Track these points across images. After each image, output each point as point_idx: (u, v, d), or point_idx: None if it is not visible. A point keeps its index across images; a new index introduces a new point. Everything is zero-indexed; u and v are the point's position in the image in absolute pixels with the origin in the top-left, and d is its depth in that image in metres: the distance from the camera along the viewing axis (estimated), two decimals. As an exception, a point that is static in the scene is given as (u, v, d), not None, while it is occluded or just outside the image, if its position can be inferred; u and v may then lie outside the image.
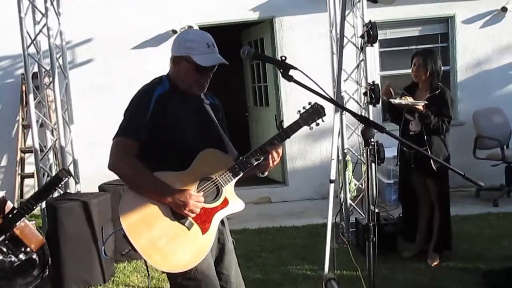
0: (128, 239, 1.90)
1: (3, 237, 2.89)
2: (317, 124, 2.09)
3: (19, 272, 3.54)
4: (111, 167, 1.98)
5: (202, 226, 1.98)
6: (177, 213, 1.94)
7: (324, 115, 2.07)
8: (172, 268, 1.96)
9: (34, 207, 2.95)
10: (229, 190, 2.05)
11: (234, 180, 2.05)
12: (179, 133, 2.02)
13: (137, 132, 1.98)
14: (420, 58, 3.78)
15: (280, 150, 2.08)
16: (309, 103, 2.09)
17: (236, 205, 2.07)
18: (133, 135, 1.98)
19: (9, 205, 2.94)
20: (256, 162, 2.04)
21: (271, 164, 2.07)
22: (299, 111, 2.09)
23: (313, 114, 2.06)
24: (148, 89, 2.08)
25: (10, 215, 2.84)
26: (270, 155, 2.04)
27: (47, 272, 3.77)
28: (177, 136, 2.02)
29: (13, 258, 3.63)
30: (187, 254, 1.95)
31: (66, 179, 2.98)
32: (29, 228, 3.01)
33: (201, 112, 2.14)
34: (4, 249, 2.97)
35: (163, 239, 1.92)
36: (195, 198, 1.93)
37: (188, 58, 2.02)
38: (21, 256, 3.64)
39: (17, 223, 2.85)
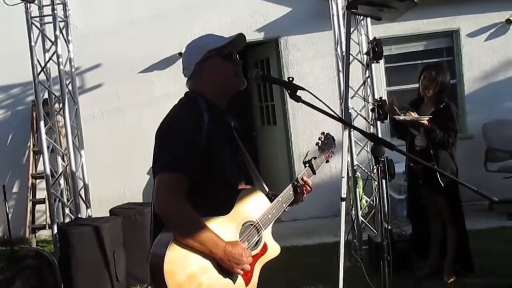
0: None
1: None
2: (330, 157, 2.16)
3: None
4: (160, 209, 1.64)
5: (246, 277, 1.76)
6: (223, 267, 1.70)
7: (335, 146, 2.15)
8: None
9: None
10: (267, 233, 1.87)
11: (272, 223, 1.89)
12: (222, 168, 1.76)
13: (191, 168, 1.64)
14: (431, 72, 3.76)
15: (311, 184, 2.01)
16: (322, 133, 2.14)
17: (274, 249, 1.90)
18: (186, 172, 1.64)
19: None
20: (290, 201, 1.97)
21: (301, 201, 2.02)
22: (317, 143, 2.14)
23: (329, 145, 2.14)
24: (196, 112, 1.73)
25: None
26: (302, 193, 1.99)
27: (59, 298, 3.77)
28: (220, 172, 1.75)
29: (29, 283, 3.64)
30: None
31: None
32: None
33: (233, 139, 1.88)
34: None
35: None
36: (248, 255, 1.73)
37: (209, 53, 1.81)
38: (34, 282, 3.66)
39: None
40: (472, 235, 4.15)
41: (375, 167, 3.36)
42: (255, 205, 1.84)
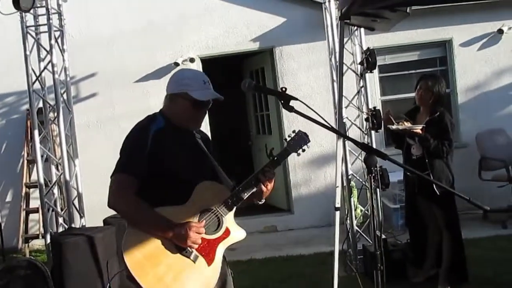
0: (133, 279, 1.91)
1: None
2: (303, 150, 2.17)
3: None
4: (111, 204, 2.00)
5: (207, 258, 2.00)
6: (181, 247, 1.95)
7: (309, 141, 2.17)
8: None
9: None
10: (229, 220, 2.08)
11: (233, 210, 2.08)
12: (176, 168, 2.06)
13: (135, 169, 2.00)
14: (428, 81, 3.78)
15: (272, 177, 2.11)
16: (293, 131, 2.19)
17: (237, 234, 2.10)
18: (131, 172, 2.00)
19: None
20: (252, 191, 2.06)
21: (265, 191, 2.11)
22: (285, 138, 2.20)
23: (299, 141, 2.16)
24: (144, 126, 2.12)
25: None
26: (264, 183, 2.07)
27: (52, 309, 3.73)
28: (174, 171, 2.05)
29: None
30: (196, 287, 1.97)
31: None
32: None
33: (195, 146, 2.20)
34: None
35: (169, 275, 1.93)
36: (196, 229, 1.94)
37: (185, 94, 2.08)
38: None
39: None
40: (466, 243, 4.18)
41: (368, 176, 3.37)
42: (214, 196, 2.06)
